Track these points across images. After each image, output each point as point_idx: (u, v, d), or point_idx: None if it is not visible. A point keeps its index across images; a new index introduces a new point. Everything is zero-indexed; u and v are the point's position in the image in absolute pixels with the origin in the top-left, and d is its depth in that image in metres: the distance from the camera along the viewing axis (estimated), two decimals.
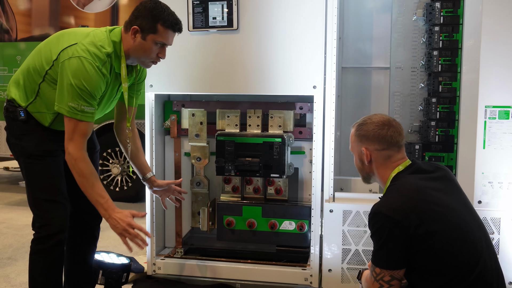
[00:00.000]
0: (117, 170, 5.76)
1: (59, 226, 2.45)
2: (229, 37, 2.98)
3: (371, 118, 2.13)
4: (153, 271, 3.21)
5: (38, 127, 2.47)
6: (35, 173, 2.47)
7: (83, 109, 2.33)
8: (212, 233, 3.28)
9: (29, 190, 2.49)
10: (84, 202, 2.53)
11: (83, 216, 2.67)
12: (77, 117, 2.34)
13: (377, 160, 2.10)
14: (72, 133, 2.36)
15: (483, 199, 2.81)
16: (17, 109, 2.44)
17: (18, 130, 2.48)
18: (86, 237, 2.74)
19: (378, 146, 2.09)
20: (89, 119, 2.38)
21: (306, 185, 3.24)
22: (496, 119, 2.77)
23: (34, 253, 2.47)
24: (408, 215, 1.88)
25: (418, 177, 2.03)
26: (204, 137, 3.22)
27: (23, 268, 3.64)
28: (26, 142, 2.47)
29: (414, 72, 3.06)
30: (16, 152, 2.53)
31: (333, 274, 2.98)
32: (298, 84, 2.94)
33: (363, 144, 2.11)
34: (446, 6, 2.90)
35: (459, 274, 1.89)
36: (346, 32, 3.49)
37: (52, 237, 2.43)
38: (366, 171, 2.16)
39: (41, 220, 2.45)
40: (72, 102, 2.32)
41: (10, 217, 5.15)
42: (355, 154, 2.18)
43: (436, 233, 1.88)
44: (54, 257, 2.46)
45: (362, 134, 2.11)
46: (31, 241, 2.48)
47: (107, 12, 5.49)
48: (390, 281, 1.93)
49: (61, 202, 2.48)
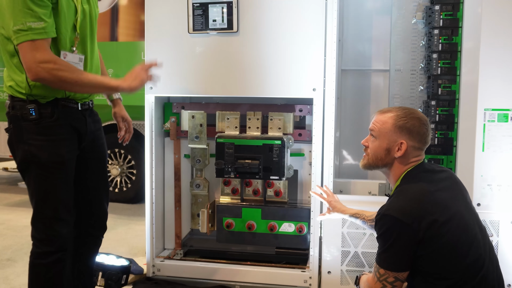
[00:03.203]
0: (116, 171, 5.77)
1: (59, 245, 2.34)
2: (229, 40, 2.98)
3: (414, 113, 2.06)
4: (153, 273, 3.22)
5: (52, 129, 2.28)
6: (45, 187, 2.30)
7: (30, 26, 2.07)
8: (211, 235, 3.29)
9: (34, 200, 2.33)
10: (90, 215, 2.52)
11: (88, 228, 2.59)
12: (27, 38, 2.08)
13: (405, 156, 2.05)
14: (32, 55, 2.10)
15: (482, 201, 2.82)
16: (27, 106, 2.23)
17: (27, 133, 2.25)
18: (90, 247, 2.67)
19: (416, 144, 2.05)
20: (42, 35, 2.11)
21: (306, 187, 3.25)
22: (495, 121, 2.77)
23: (33, 266, 2.36)
24: (417, 219, 1.87)
25: (427, 179, 2.02)
26: (204, 139, 3.22)
27: (22, 269, 3.65)
28: (38, 149, 2.25)
29: (414, 74, 3.07)
30: (22, 158, 2.30)
31: (332, 276, 2.99)
32: (297, 86, 2.94)
33: (403, 136, 2.03)
34: (446, 9, 2.90)
35: (463, 278, 1.89)
36: (345, 34, 3.49)
37: (51, 255, 2.33)
38: (385, 161, 2.08)
39: (41, 234, 2.33)
40: (15, 24, 2.08)
41: (9, 218, 5.15)
42: (383, 142, 2.06)
43: (444, 237, 1.88)
44: (53, 273, 2.35)
45: (407, 126, 2.03)
46: (30, 252, 2.37)
47: (107, 13, 5.49)
48: (393, 282, 1.93)
49: (64, 219, 2.36)
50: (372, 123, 2.13)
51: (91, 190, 2.56)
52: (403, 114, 2.06)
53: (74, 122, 2.37)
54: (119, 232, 4.67)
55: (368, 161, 2.14)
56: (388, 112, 2.10)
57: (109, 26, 5.51)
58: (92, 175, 2.55)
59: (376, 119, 2.11)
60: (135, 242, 4.39)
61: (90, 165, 2.53)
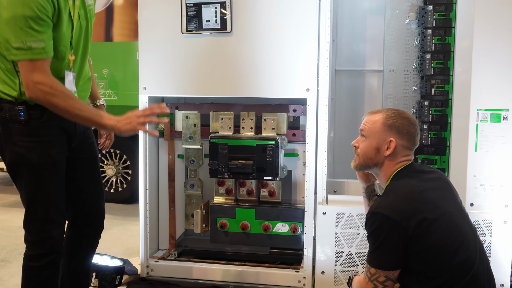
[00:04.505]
0: (112, 172, 5.76)
1: (50, 247, 2.32)
2: (222, 40, 2.98)
3: (404, 114, 2.13)
4: (147, 273, 3.21)
5: (41, 130, 2.27)
6: (36, 188, 2.29)
7: (30, 45, 2.07)
8: (205, 235, 3.29)
9: (24, 201, 2.31)
10: (85, 215, 2.50)
11: (85, 229, 2.58)
12: (26, 57, 2.09)
13: (394, 154, 2.08)
14: (30, 75, 2.11)
15: (475, 201, 2.82)
16: (15, 107, 2.20)
17: (16, 134, 2.24)
18: (86, 247, 2.65)
19: (405, 143, 2.09)
20: (42, 55, 2.11)
21: (300, 188, 3.25)
22: (488, 122, 2.78)
23: (26, 269, 2.35)
24: (407, 217, 1.89)
25: (417, 178, 2.04)
26: (197, 139, 3.22)
27: (16, 270, 3.64)
28: (28, 150, 2.24)
29: (407, 75, 3.07)
30: (11, 159, 2.28)
31: (326, 276, 2.99)
32: (291, 87, 2.95)
33: (392, 135, 2.08)
34: (439, 9, 2.91)
35: (453, 277, 1.90)
36: (339, 34, 3.50)
37: (43, 257, 2.31)
38: (375, 160, 2.11)
39: (33, 236, 2.32)
40: (16, 42, 2.07)
41: (4, 218, 5.13)
42: (373, 141, 2.10)
43: (433, 235, 1.89)
44: (46, 275, 2.34)
45: (396, 125, 2.08)
46: (23, 254, 2.36)
47: (102, 13, 5.48)
48: (384, 282, 1.94)
49: (56, 221, 2.34)
50: (362, 123, 2.18)
51: (84, 190, 2.55)
52: (392, 114, 2.11)
53: (63, 123, 2.34)
54: (114, 233, 4.66)
55: (359, 162, 2.17)
56: (378, 112, 2.15)
57: (104, 26, 5.49)
58: (84, 175, 2.54)
59: (367, 120, 2.16)
60: (130, 243, 4.38)
61: (81, 165, 2.52)
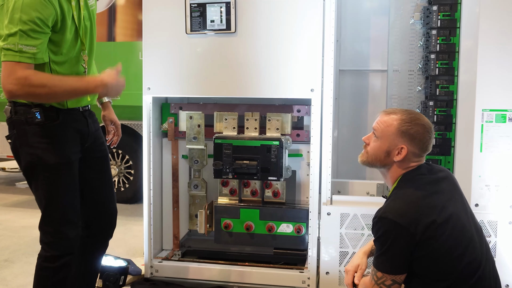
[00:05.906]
0: (114, 172, 5.75)
1: (67, 248, 2.34)
2: (227, 40, 2.98)
3: (419, 120, 2.02)
4: (151, 274, 3.21)
5: (57, 131, 2.29)
6: (53, 189, 2.30)
7: (21, 48, 2.05)
8: (209, 236, 3.28)
9: (41, 203, 2.33)
10: (98, 215, 2.52)
11: (97, 229, 2.60)
12: (14, 59, 2.05)
13: (404, 160, 2.02)
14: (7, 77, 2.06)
15: (480, 202, 2.82)
16: (31, 109, 2.22)
17: (32, 136, 2.25)
18: (98, 248, 2.68)
19: (417, 150, 2.02)
20: (30, 60, 2.08)
21: (304, 188, 3.25)
22: (493, 122, 2.77)
23: (40, 269, 2.37)
24: (415, 222, 1.87)
25: (425, 181, 2.01)
26: (201, 140, 3.22)
27: (20, 270, 3.64)
28: (45, 151, 2.25)
29: (412, 75, 3.07)
30: (27, 162, 2.29)
31: (330, 277, 2.98)
32: (295, 87, 2.94)
33: (404, 141, 2.00)
34: (443, 9, 2.90)
35: (460, 279, 1.90)
36: (343, 34, 3.49)
37: (59, 258, 2.33)
38: (384, 163, 2.05)
39: (49, 238, 2.34)
40: (7, 43, 2.06)
41: (7, 218, 5.14)
42: (384, 144, 2.03)
43: (441, 238, 1.88)
44: (60, 277, 2.36)
45: (410, 133, 1.99)
46: (38, 255, 2.38)
47: (104, 13, 5.48)
48: (391, 285, 1.93)
49: (72, 222, 2.37)
50: (376, 122, 2.09)
51: (97, 190, 2.57)
52: (408, 119, 2.02)
53: (76, 124, 2.38)
54: (117, 233, 4.57)
55: (367, 159, 2.11)
56: (393, 113, 2.05)
57: (106, 26, 5.49)
58: (97, 175, 2.56)
59: (381, 120, 2.07)
60: (133, 243, 4.38)
61: (94, 165, 2.53)
